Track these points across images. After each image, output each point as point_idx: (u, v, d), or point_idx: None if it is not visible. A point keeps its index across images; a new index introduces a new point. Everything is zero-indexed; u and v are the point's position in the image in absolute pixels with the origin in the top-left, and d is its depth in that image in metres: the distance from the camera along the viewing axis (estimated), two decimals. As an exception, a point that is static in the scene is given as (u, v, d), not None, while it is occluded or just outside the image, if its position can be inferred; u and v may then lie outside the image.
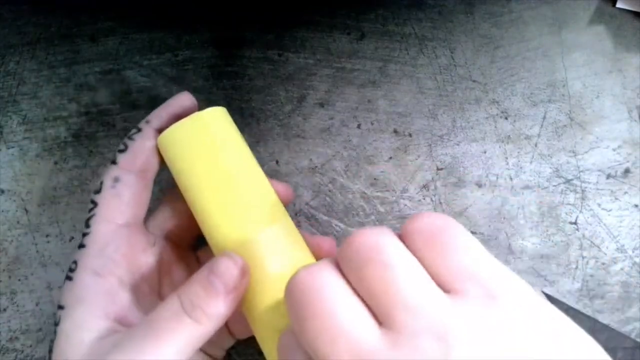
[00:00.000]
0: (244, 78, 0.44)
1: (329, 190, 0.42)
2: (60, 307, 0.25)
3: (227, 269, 0.23)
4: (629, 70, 0.45)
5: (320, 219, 0.41)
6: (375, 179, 0.42)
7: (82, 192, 0.41)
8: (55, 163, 0.42)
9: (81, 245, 0.26)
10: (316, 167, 0.43)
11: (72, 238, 0.40)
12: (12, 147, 0.43)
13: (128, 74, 0.44)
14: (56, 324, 0.25)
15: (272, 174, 0.42)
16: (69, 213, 0.41)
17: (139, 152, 0.28)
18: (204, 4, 0.46)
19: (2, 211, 0.41)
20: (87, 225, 0.27)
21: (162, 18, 0.46)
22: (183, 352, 0.22)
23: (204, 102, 0.44)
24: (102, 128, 0.43)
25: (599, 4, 0.47)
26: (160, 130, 0.29)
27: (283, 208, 0.28)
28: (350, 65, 0.45)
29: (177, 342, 0.22)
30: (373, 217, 0.41)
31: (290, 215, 0.41)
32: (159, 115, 0.29)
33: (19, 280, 0.40)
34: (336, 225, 0.41)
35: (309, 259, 0.26)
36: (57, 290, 0.39)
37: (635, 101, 0.45)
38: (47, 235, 0.40)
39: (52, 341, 0.25)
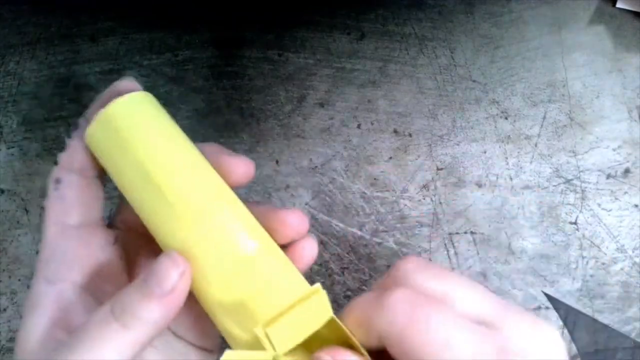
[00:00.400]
0: (244, 78, 0.44)
1: (329, 190, 0.42)
2: (21, 317, 0.25)
3: (165, 270, 0.21)
4: (629, 70, 0.45)
5: (320, 219, 0.41)
6: (375, 179, 0.42)
7: (82, 192, 0.41)
8: (56, 163, 0.42)
9: (38, 252, 0.26)
10: (316, 167, 0.43)
11: (72, 238, 0.40)
12: (12, 147, 0.43)
13: (128, 74, 0.44)
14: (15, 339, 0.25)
15: (272, 174, 0.42)
16: (69, 213, 0.41)
17: (76, 150, 0.27)
18: (204, 4, 0.46)
19: (2, 211, 0.41)
20: (41, 232, 0.26)
21: (162, 18, 0.46)
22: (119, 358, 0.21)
23: (204, 102, 0.44)
24: (102, 128, 0.43)
25: (599, 4, 0.47)
26: None
27: (225, 189, 0.25)
28: (350, 65, 0.45)
29: (107, 350, 0.21)
30: (373, 217, 0.41)
31: (290, 215, 0.42)
32: (96, 108, 0.27)
33: (19, 280, 0.40)
34: (336, 225, 0.41)
35: (262, 239, 0.24)
36: (57, 290, 0.39)
37: (635, 101, 0.45)
38: (47, 235, 0.40)
39: None
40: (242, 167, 0.26)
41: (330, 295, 0.42)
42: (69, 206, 0.27)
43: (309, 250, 0.26)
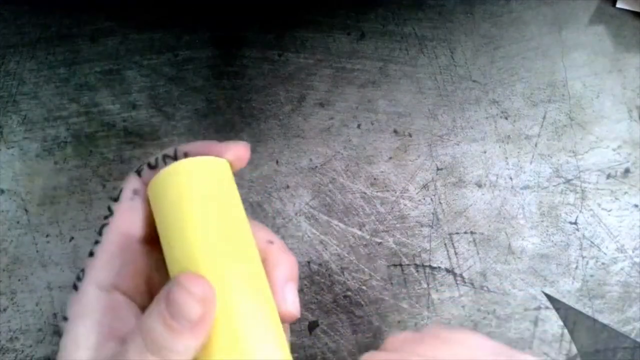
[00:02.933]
0: (244, 78, 0.44)
1: (329, 190, 0.42)
2: (65, 319, 0.24)
3: (184, 304, 0.21)
4: (629, 70, 0.45)
5: (320, 218, 0.41)
6: (375, 179, 0.42)
7: (82, 192, 0.41)
8: (55, 163, 0.42)
9: (91, 254, 0.25)
10: (316, 167, 0.43)
11: (72, 238, 0.40)
12: (12, 147, 0.43)
13: (128, 74, 0.44)
14: (60, 335, 0.24)
15: (272, 174, 0.42)
16: (69, 213, 0.41)
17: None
18: (204, 4, 0.46)
19: (2, 211, 0.41)
20: (100, 234, 0.25)
21: (162, 18, 0.46)
22: None
23: (204, 102, 0.44)
24: (102, 128, 0.43)
25: (599, 4, 0.47)
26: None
27: (256, 277, 0.24)
28: (350, 65, 0.45)
29: None
30: (373, 217, 0.41)
31: (291, 215, 0.42)
32: (197, 149, 0.26)
33: (19, 280, 0.40)
34: (336, 225, 0.41)
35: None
36: (57, 290, 0.39)
37: (635, 101, 0.45)
38: (47, 235, 0.40)
39: (57, 353, 0.24)
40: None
41: (330, 295, 0.42)
42: (141, 219, 0.26)
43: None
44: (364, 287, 0.40)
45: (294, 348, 0.38)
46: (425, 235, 0.41)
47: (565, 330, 0.39)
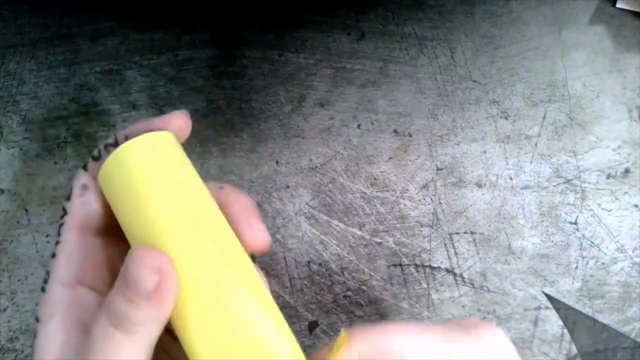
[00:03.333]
0: (244, 78, 0.44)
1: (329, 190, 0.42)
2: (38, 320, 0.24)
3: (138, 275, 0.21)
4: (629, 70, 0.45)
5: (320, 218, 0.41)
6: (375, 179, 0.42)
7: (82, 192, 0.41)
8: (55, 163, 0.42)
9: (53, 255, 0.25)
10: (316, 167, 0.43)
11: (72, 238, 0.40)
12: (12, 147, 0.43)
13: (128, 74, 0.44)
14: (35, 337, 0.24)
15: (272, 174, 0.42)
16: (69, 213, 0.41)
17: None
18: (204, 4, 0.46)
19: (2, 211, 0.41)
20: (59, 234, 0.26)
21: (162, 18, 0.46)
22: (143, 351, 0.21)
23: (204, 102, 0.44)
24: (102, 128, 0.43)
25: (599, 4, 0.47)
26: None
27: (230, 245, 0.24)
28: (350, 65, 0.45)
29: (120, 357, 0.21)
30: (373, 217, 0.41)
31: (291, 215, 0.42)
32: (137, 130, 0.26)
33: (19, 280, 0.40)
34: (336, 225, 0.41)
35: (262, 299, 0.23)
36: (57, 290, 0.39)
37: (635, 101, 0.45)
38: (47, 235, 0.40)
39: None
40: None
41: (330, 295, 0.42)
42: (93, 212, 0.26)
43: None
44: (364, 287, 0.40)
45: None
46: (425, 235, 0.41)
47: (565, 330, 0.39)
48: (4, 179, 0.42)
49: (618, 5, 0.47)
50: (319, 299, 0.39)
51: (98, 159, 0.26)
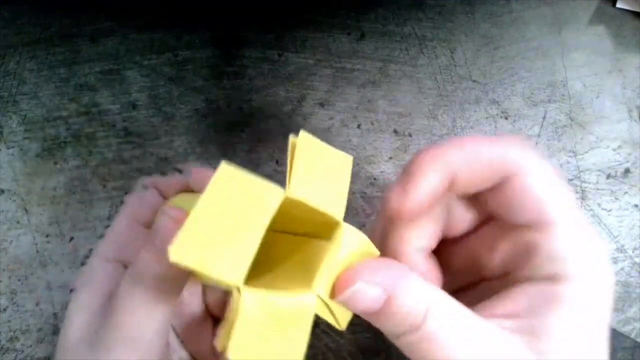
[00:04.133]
0: (244, 78, 0.44)
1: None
2: (73, 290, 0.26)
3: (165, 228, 0.21)
4: (629, 70, 0.45)
5: (320, 219, 0.41)
6: (375, 179, 0.42)
7: (82, 192, 0.41)
8: (55, 163, 0.42)
9: (101, 236, 0.28)
10: (316, 167, 0.42)
11: (72, 238, 0.40)
12: (12, 147, 0.43)
13: (128, 74, 0.44)
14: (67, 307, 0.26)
15: (272, 174, 0.42)
16: (69, 213, 0.41)
17: (175, 185, 0.30)
18: (204, 4, 0.46)
19: (2, 211, 0.41)
20: (112, 220, 0.28)
21: (162, 18, 0.46)
22: (154, 317, 0.22)
23: (204, 102, 0.44)
24: (102, 128, 0.43)
25: (599, 4, 0.47)
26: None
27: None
28: (350, 65, 0.45)
29: (141, 312, 0.21)
30: (373, 217, 0.41)
31: (290, 215, 0.42)
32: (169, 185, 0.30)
33: (19, 280, 0.40)
34: (336, 225, 0.41)
35: None
36: (57, 290, 0.39)
37: (635, 101, 0.45)
38: (47, 235, 0.40)
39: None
40: None
41: (330, 295, 0.42)
42: (147, 208, 0.28)
43: None
44: (364, 287, 0.40)
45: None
46: (425, 235, 0.41)
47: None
48: (4, 179, 0.42)
49: (618, 5, 0.47)
50: (319, 299, 0.39)
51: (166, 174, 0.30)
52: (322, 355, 0.38)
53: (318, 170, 0.21)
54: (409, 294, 0.18)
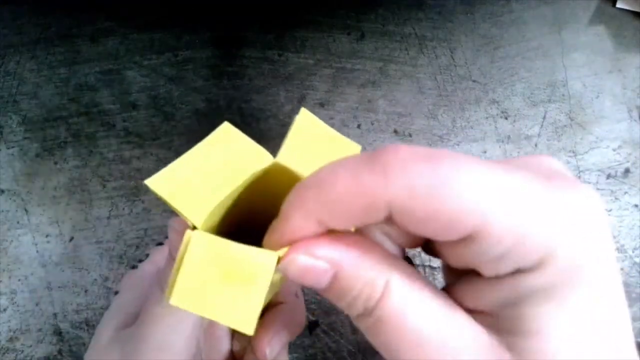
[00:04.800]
0: (244, 78, 0.44)
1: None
2: (116, 293, 0.27)
3: (170, 237, 0.23)
4: (629, 70, 0.45)
5: (320, 219, 0.41)
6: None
7: (82, 192, 0.41)
8: (55, 163, 0.42)
9: (159, 244, 0.28)
10: (316, 167, 0.43)
11: (72, 238, 0.40)
12: (12, 147, 0.43)
13: (128, 74, 0.44)
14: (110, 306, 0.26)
15: (272, 174, 0.42)
16: (69, 213, 0.41)
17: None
18: (204, 4, 0.46)
19: (2, 211, 0.41)
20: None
21: (162, 18, 0.46)
22: (191, 326, 0.23)
23: (204, 102, 0.44)
24: (102, 128, 0.43)
25: (599, 4, 0.47)
26: None
27: None
28: (350, 65, 0.45)
29: (169, 323, 0.22)
30: (373, 217, 0.41)
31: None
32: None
33: (19, 280, 0.40)
34: (336, 225, 0.41)
35: None
36: (57, 290, 0.39)
37: (635, 101, 0.45)
38: (47, 235, 0.40)
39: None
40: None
41: (330, 295, 0.41)
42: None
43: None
44: (364, 287, 0.40)
45: (294, 348, 0.38)
46: (425, 235, 0.41)
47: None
48: (4, 179, 0.42)
49: (618, 5, 0.47)
50: (319, 299, 0.39)
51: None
52: (322, 355, 0.38)
53: (314, 145, 0.20)
54: (360, 270, 0.15)
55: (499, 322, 0.15)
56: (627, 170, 0.43)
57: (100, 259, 0.39)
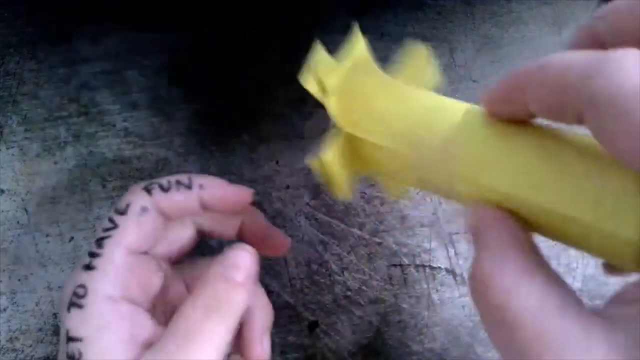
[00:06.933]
0: (244, 78, 0.44)
1: (329, 190, 0.42)
2: (75, 339, 0.23)
3: (242, 260, 0.25)
4: (629, 70, 0.45)
5: (320, 219, 0.41)
6: (375, 179, 0.42)
7: (82, 192, 0.41)
8: (55, 163, 0.42)
9: (89, 267, 0.24)
10: (316, 167, 0.42)
11: (72, 238, 0.40)
12: (12, 147, 0.43)
13: (128, 74, 0.44)
14: (73, 359, 0.23)
15: (272, 174, 0.42)
16: (69, 213, 0.41)
17: (180, 204, 0.28)
18: (204, 4, 0.46)
19: (2, 211, 0.41)
20: (100, 246, 0.25)
21: (162, 18, 0.46)
22: (222, 348, 0.23)
23: (204, 102, 0.44)
24: (102, 128, 0.43)
25: (599, 4, 0.47)
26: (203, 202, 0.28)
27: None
28: (350, 65, 0.45)
29: (215, 341, 0.22)
30: (373, 217, 0.41)
31: (291, 215, 0.42)
32: (213, 191, 0.28)
33: (19, 280, 0.40)
34: (336, 225, 0.41)
35: None
36: (57, 290, 0.39)
37: (635, 101, 0.45)
38: (47, 235, 0.40)
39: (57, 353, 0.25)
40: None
41: (330, 295, 0.42)
42: (145, 236, 0.26)
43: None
44: (364, 287, 0.40)
45: (294, 348, 0.38)
46: (425, 235, 0.41)
47: (565, 330, 0.39)
48: (4, 179, 0.42)
49: (618, 5, 0.47)
50: (319, 299, 0.39)
51: (167, 190, 0.27)
52: (322, 355, 0.38)
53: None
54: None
55: None
56: (627, 170, 0.43)
57: (100, 259, 0.39)
